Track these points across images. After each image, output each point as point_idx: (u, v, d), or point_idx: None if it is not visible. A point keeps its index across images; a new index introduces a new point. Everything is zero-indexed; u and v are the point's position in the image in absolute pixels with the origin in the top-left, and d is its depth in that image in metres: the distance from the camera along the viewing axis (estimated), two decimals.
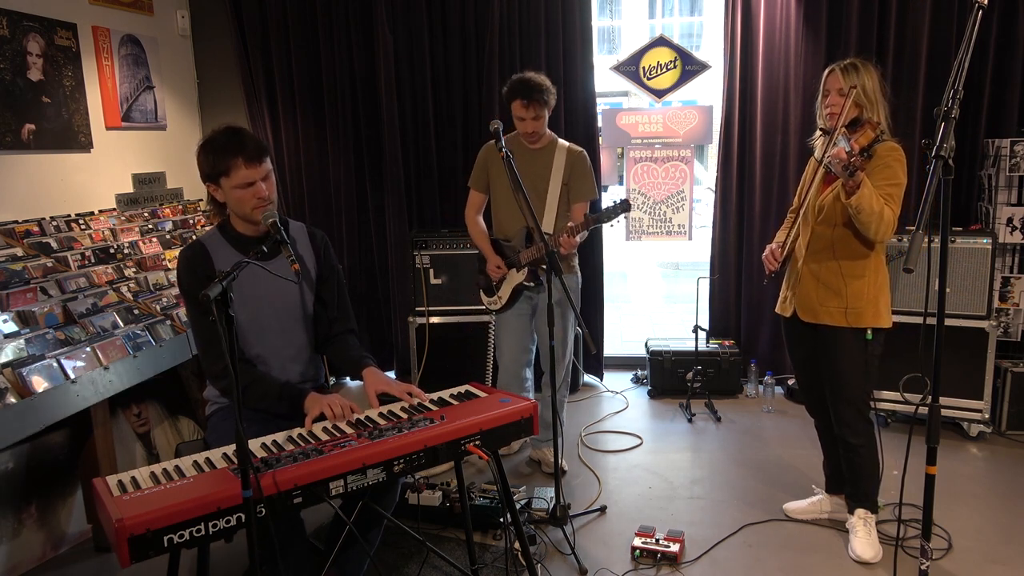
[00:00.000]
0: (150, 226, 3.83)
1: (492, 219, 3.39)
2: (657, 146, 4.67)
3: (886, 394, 3.76)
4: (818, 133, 2.76)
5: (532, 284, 3.28)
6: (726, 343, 4.47)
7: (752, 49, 4.25)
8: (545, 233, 3.20)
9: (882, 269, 2.64)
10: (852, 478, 2.75)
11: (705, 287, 4.46)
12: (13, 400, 2.39)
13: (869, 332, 2.60)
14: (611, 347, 5.34)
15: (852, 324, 2.60)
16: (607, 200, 3.13)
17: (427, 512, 2.95)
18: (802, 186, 2.81)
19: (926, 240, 3.23)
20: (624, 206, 3.01)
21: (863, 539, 2.70)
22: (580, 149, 3.29)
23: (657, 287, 9.67)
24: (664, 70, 4.55)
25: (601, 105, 4.60)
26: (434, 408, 2.23)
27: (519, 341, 3.36)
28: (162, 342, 3.05)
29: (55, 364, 2.59)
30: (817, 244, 2.67)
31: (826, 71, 2.64)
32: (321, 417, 2.16)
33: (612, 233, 3.43)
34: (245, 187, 2.16)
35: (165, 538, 1.63)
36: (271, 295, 2.30)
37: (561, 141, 3.29)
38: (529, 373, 3.47)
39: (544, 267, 2.96)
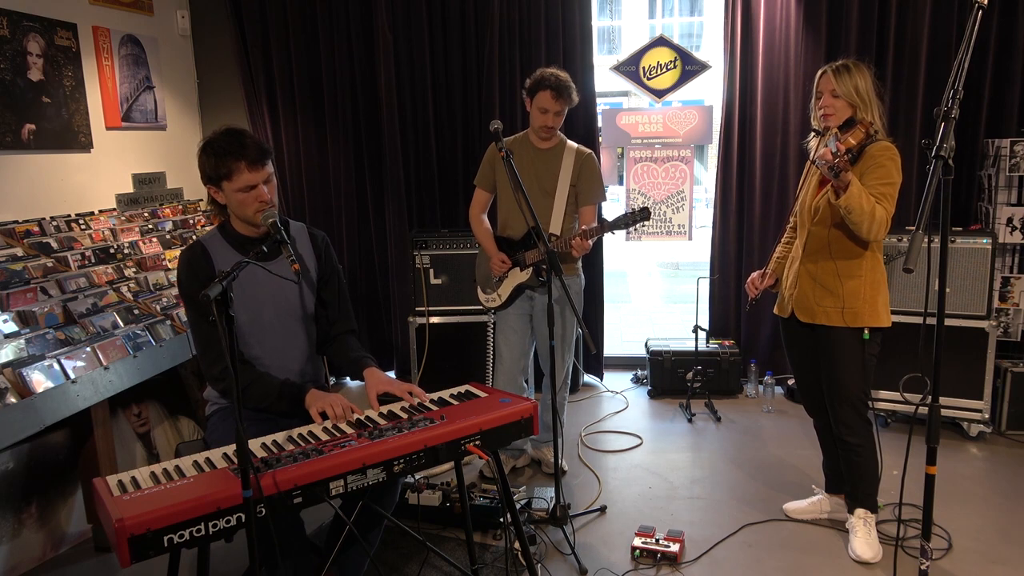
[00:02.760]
0: (150, 226, 3.83)
1: (497, 218, 3.38)
2: (657, 146, 4.67)
3: (886, 394, 3.76)
4: (812, 134, 2.77)
5: (536, 284, 3.25)
6: (726, 343, 4.47)
7: (752, 49, 4.25)
8: (552, 234, 3.19)
9: (879, 268, 2.64)
10: (851, 478, 2.75)
11: (705, 287, 4.46)
12: (13, 400, 2.39)
13: (866, 332, 2.60)
14: (611, 347, 5.35)
15: (849, 324, 2.60)
16: (607, 201, 3.12)
17: (427, 512, 2.95)
18: (800, 188, 2.81)
19: (926, 240, 3.22)
20: (643, 214, 2.98)
21: (863, 539, 2.70)
22: (589, 151, 3.27)
23: (657, 287, 9.67)
24: (664, 70, 4.55)
25: (601, 105, 4.60)
26: (434, 408, 2.23)
27: (520, 341, 3.33)
28: (162, 342, 3.05)
29: (55, 364, 2.59)
30: (813, 244, 2.67)
31: (819, 73, 2.64)
32: (322, 415, 2.16)
33: (612, 233, 3.43)
34: (247, 190, 2.15)
35: (165, 538, 1.63)
36: (271, 295, 2.30)
37: (570, 143, 3.28)
38: (528, 374, 3.46)
39: (546, 267, 2.96)
